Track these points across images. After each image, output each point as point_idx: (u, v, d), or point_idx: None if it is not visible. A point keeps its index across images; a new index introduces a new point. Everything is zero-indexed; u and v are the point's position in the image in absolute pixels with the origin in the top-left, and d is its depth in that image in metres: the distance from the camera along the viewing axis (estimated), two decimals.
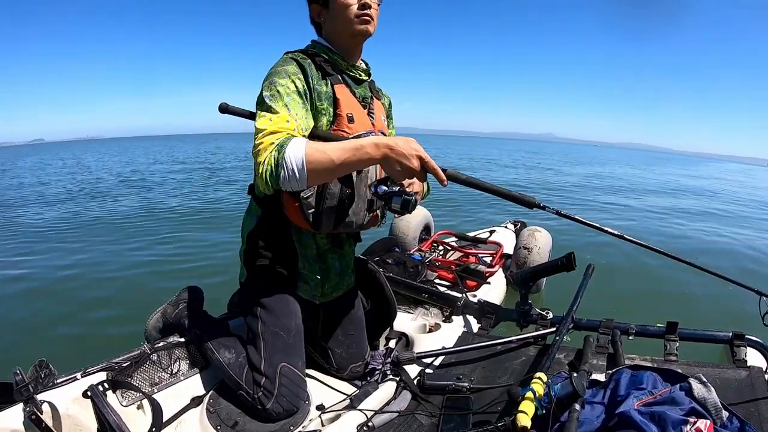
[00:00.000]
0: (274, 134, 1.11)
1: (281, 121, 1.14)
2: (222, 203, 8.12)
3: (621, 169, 21.68)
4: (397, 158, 1.06)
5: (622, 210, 8.36)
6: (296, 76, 1.24)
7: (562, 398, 1.02)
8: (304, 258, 1.43)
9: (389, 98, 1.62)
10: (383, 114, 1.51)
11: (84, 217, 6.80)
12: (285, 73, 1.22)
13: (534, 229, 2.91)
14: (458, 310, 1.95)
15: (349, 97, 1.35)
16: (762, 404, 1.13)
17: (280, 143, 1.08)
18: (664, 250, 1.50)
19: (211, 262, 4.35)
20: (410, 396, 1.40)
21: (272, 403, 1.32)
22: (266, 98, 1.18)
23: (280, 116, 1.15)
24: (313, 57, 1.32)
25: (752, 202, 11.30)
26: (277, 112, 1.15)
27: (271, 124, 1.13)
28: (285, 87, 1.20)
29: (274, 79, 1.21)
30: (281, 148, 1.07)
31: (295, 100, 1.21)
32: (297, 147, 1.06)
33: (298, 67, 1.26)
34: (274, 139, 1.09)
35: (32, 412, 1.06)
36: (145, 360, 1.38)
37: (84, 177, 13.35)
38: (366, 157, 1.07)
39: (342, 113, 1.31)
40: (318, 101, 1.28)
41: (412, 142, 1.08)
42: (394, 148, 1.06)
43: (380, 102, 1.52)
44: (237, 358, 1.40)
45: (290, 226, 1.38)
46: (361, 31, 1.32)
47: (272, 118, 1.14)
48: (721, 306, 3.60)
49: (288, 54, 1.33)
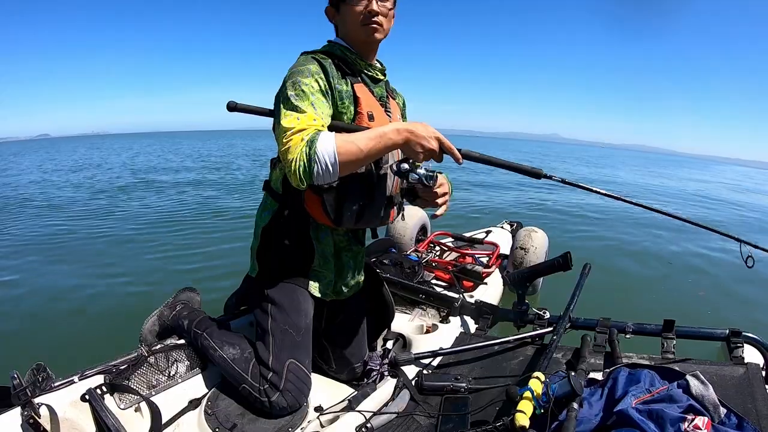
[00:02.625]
0: (302, 131, 1.13)
1: (309, 120, 1.16)
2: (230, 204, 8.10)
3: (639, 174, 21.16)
4: (417, 140, 1.14)
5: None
6: (318, 75, 1.25)
7: (560, 397, 1.03)
8: (320, 255, 1.44)
9: (403, 98, 1.63)
10: (399, 113, 1.53)
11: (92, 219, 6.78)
12: (308, 72, 1.24)
13: (530, 230, 2.92)
14: (455, 311, 1.95)
15: (369, 96, 1.36)
16: (759, 401, 1.14)
17: (310, 138, 1.11)
18: (653, 207, 1.62)
19: (207, 263, 4.35)
20: (408, 397, 1.40)
21: (277, 397, 1.32)
22: (291, 97, 1.20)
23: (308, 115, 1.17)
24: (331, 56, 1.33)
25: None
26: (303, 111, 1.17)
27: (298, 122, 1.15)
28: (309, 86, 1.22)
29: (297, 78, 1.22)
30: (312, 143, 1.10)
31: (320, 99, 1.23)
32: (328, 141, 1.10)
33: (319, 67, 1.27)
34: (303, 136, 1.12)
35: (30, 416, 1.05)
36: (142, 362, 1.37)
37: (94, 173, 13.24)
38: (390, 143, 1.14)
39: (363, 111, 1.32)
40: (339, 100, 1.30)
41: (428, 126, 1.16)
42: (414, 131, 1.14)
43: (395, 102, 1.54)
44: (242, 354, 1.40)
45: (308, 222, 1.40)
46: (369, 39, 1.34)
47: (299, 117, 1.16)
48: (718, 302, 3.63)
49: (307, 53, 1.34)
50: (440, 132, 1.15)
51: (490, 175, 12.96)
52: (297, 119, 1.16)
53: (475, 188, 10.69)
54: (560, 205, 8.37)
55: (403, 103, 1.63)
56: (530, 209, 7.71)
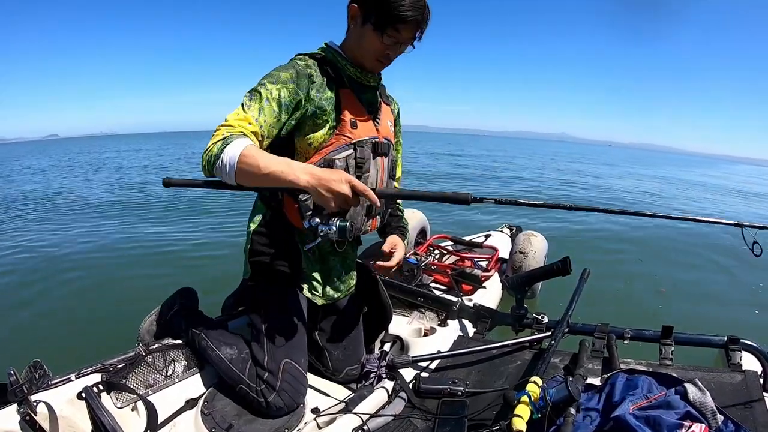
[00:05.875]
0: (230, 127, 1.15)
1: (244, 121, 1.17)
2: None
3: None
4: (326, 184, 1.07)
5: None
6: (287, 85, 1.23)
7: (557, 402, 1.03)
8: (306, 258, 1.44)
9: (398, 106, 1.61)
10: (390, 120, 1.51)
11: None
12: (277, 79, 1.23)
13: (530, 234, 2.92)
14: (454, 314, 1.95)
15: (354, 103, 1.35)
16: (757, 408, 1.14)
17: (228, 136, 1.12)
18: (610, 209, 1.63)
19: (203, 262, 4.35)
20: (406, 399, 1.40)
21: (274, 397, 1.33)
22: (248, 95, 1.22)
23: (247, 116, 1.18)
24: (321, 61, 1.33)
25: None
26: (246, 112, 1.19)
27: (236, 118, 1.17)
28: (268, 92, 1.21)
29: (264, 80, 1.23)
30: (225, 141, 1.11)
31: (271, 108, 1.21)
32: (238, 145, 1.10)
33: (295, 75, 1.25)
34: (226, 132, 1.14)
35: (26, 413, 1.05)
36: (139, 361, 1.37)
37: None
38: (292, 177, 1.07)
39: (345, 118, 1.32)
40: (319, 110, 1.28)
41: (340, 172, 1.11)
42: (321, 176, 1.07)
43: (389, 108, 1.52)
44: (239, 354, 1.40)
45: (293, 225, 1.39)
46: (373, 68, 1.37)
47: (239, 114, 1.19)
48: (716, 308, 3.63)
49: (297, 56, 1.34)
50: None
51: (496, 180, 13.00)
52: (237, 114, 1.18)
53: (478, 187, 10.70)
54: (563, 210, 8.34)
55: (398, 113, 1.61)
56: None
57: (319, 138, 1.30)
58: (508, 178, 13.31)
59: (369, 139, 1.37)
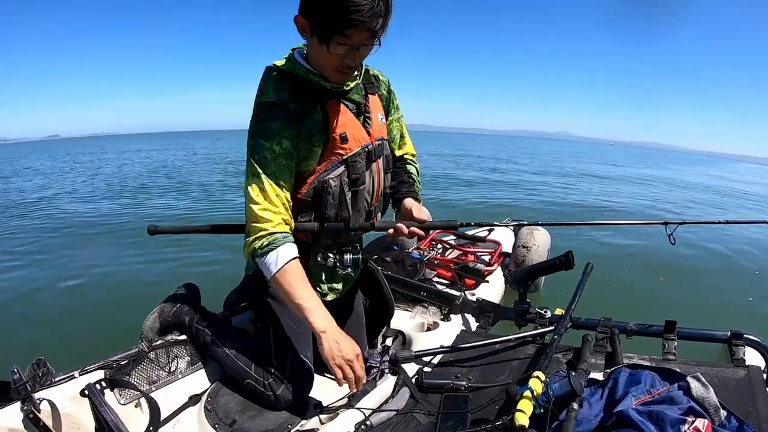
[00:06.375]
0: (266, 222, 1.20)
1: (272, 209, 1.21)
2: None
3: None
4: (335, 351, 1.17)
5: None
6: (281, 135, 1.22)
7: (560, 397, 1.02)
8: (313, 256, 1.43)
9: (387, 82, 1.51)
10: (380, 111, 1.45)
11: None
12: (270, 134, 1.21)
13: (533, 228, 2.90)
14: (456, 309, 1.95)
15: (340, 112, 1.31)
16: (760, 403, 1.13)
17: (271, 243, 1.19)
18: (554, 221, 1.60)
19: (201, 260, 4.36)
20: (408, 394, 1.40)
21: (282, 390, 1.34)
22: (254, 161, 1.22)
23: (270, 191, 1.21)
24: (293, 80, 1.26)
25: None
26: (264, 181, 1.21)
27: (263, 201, 1.21)
28: (271, 151, 1.21)
29: (259, 141, 1.22)
30: (270, 244, 1.19)
31: (281, 165, 1.23)
32: (282, 256, 1.19)
33: (284, 118, 1.22)
34: (268, 239, 1.19)
35: (30, 411, 1.06)
36: (143, 358, 1.37)
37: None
38: (312, 320, 1.19)
39: (335, 134, 1.29)
40: (311, 138, 1.27)
41: (354, 348, 1.21)
42: (337, 340, 1.18)
43: (376, 96, 1.45)
44: (245, 349, 1.41)
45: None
46: (337, 80, 1.27)
47: (264, 190, 1.21)
48: (717, 303, 3.62)
49: (271, 78, 1.26)
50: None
51: (499, 172, 12.91)
52: (259, 193, 1.21)
53: (484, 185, 10.67)
54: (567, 205, 8.34)
55: (388, 89, 1.51)
56: (535, 205, 7.68)
57: (312, 161, 1.30)
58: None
59: (362, 149, 1.34)
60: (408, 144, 1.63)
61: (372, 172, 1.40)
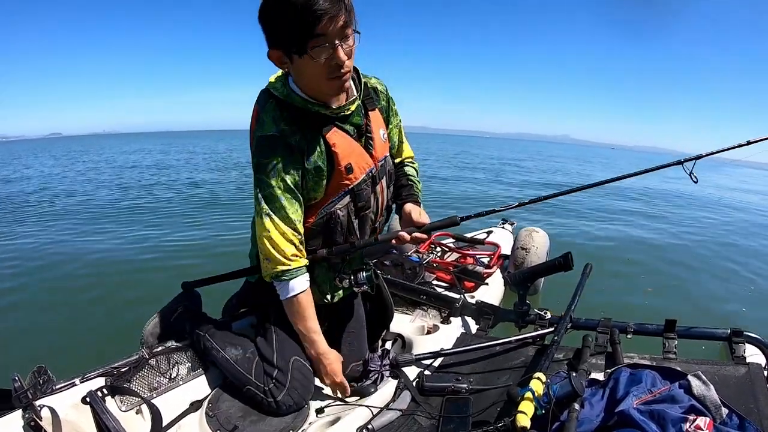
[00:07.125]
0: (281, 254, 1.28)
1: (281, 235, 1.27)
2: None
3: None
4: (323, 370, 1.42)
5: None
6: (285, 171, 1.24)
7: (561, 398, 1.03)
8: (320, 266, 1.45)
9: (385, 90, 1.48)
10: (381, 127, 1.44)
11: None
12: (274, 171, 1.23)
13: (531, 230, 2.91)
14: (456, 312, 1.95)
15: (344, 142, 1.31)
16: (761, 400, 1.13)
17: (286, 274, 1.30)
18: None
19: (201, 266, 4.35)
20: (409, 397, 1.40)
21: (284, 395, 1.33)
22: (262, 197, 1.25)
23: (281, 225, 1.26)
24: (289, 109, 1.25)
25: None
26: (274, 216, 1.25)
27: (274, 230, 1.26)
28: (277, 187, 1.24)
29: (263, 177, 1.24)
30: (286, 273, 1.30)
31: (288, 199, 1.26)
32: (298, 286, 1.32)
33: (287, 153, 1.23)
34: (283, 264, 1.29)
35: (31, 419, 1.05)
36: (143, 365, 1.37)
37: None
38: (311, 348, 1.40)
39: (340, 166, 1.30)
40: (315, 174, 1.29)
41: (334, 371, 1.42)
42: (324, 363, 1.41)
43: (376, 110, 1.43)
44: (245, 354, 1.40)
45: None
46: (335, 89, 1.24)
47: (274, 221, 1.26)
48: (716, 302, 3.63)
49: (268, 114, 1.25)
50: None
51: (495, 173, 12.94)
52: (271, 222, 1.26)
53: (482, 183, 10.68)
54: (569, 207, 8.33)
55: (387, 98, 1.49)
56: (530, 210, 7.65)
57: (318, 192, 1.32)
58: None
59: (366, 176, 1.36)
60: (406, 148, 1.64)
61: (376, 193, 1.43)
